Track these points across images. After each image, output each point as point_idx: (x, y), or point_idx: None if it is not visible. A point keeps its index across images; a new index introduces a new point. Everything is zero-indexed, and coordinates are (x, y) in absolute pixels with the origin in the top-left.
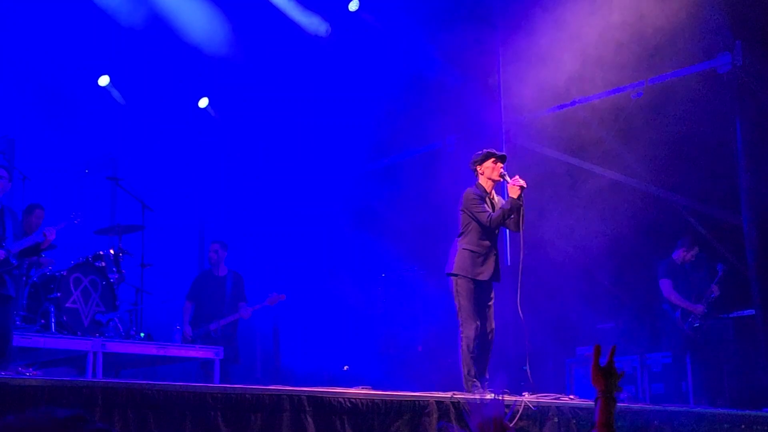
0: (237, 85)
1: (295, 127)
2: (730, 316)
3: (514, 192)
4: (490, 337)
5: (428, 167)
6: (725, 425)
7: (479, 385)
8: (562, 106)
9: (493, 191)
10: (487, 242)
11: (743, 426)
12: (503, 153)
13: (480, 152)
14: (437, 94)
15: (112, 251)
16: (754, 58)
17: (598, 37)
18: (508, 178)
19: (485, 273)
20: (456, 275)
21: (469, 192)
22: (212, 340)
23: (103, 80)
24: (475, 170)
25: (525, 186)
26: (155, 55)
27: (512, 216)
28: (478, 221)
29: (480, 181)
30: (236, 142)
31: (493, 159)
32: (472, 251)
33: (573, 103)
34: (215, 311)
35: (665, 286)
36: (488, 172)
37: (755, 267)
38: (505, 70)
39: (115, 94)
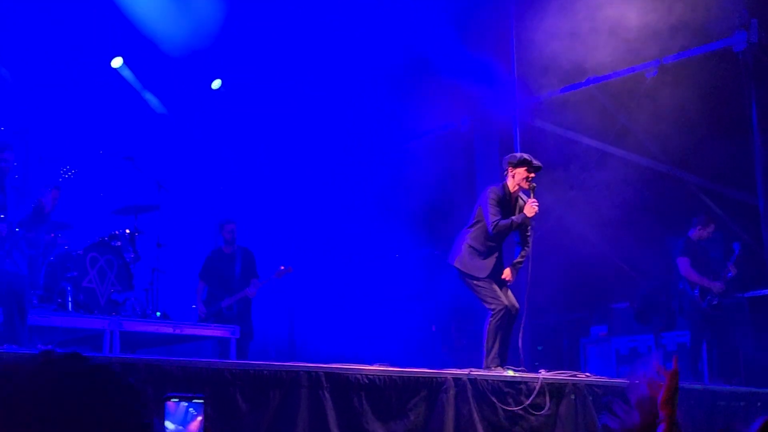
0: (250, 64)
1: (309, 108)
2: (745, 295)
3: (530, 211)
4: (513, 313)
5: (443, 148)
6: (741, 403)
7: (500, 363)
8: (576, 86)
9: (520, 194)
10: (492, 243)
11: (759, 404)
12: (539, 164)
13: (518, 155)
14: (451, 76)
15: (127, 231)
16: None
17: (613, 16)
18: (533, 192)
19: (484, 270)
20: (459, 270)
21: (492, 191)
22: (225, 317)
23: (116, 62)
24: (507, 170)
25: (537, 211)
26: (166, 37)
27: (519, 230)
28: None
29: (507, 182)
30: (250, 122)
31: (527, 168)
32: (474, 248)
33: (587, 83)
34: (226, 288)
35: (683, 264)
36: (519, 177)
37: None
38: (519, 50)
39: (128, 74)
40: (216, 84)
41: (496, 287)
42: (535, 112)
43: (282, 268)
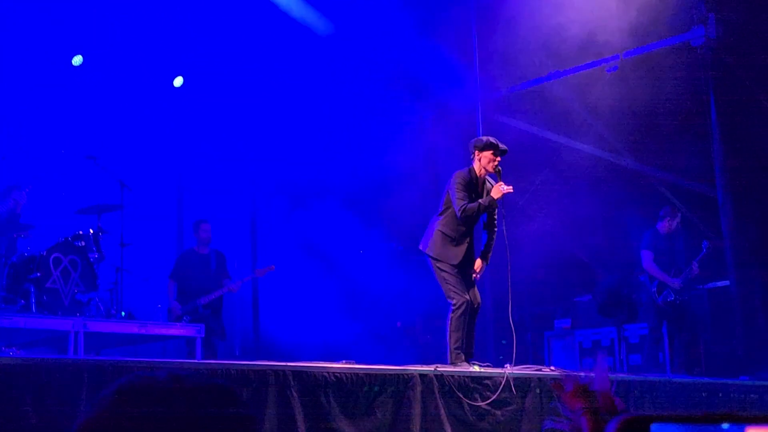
0: (212, 62)
1: (271, 104)
2: (706, 287)
3: (496, 193)
4: (476, 308)
5: (405, 143)
6: (703, 394)
7: (464, 358)
8: (537, 81)
9: (487, 177)
10: (463, 228)
11: (720, 394)
12: (505, 148)
13: (483, 139)
14: (413, 71)
15: (91, 231)
16: (728, 31)
17: (573, 12)
18: (499, 176)
19: (456, 258)
20: (430, 257)
21: (458, 174)
22: (200, 316)
23: (77, 60)
24: (473, 153)
25: (511, 191)
26: (130, 34)
27: (486, 213)
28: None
29: (474, 166)
30: (213, 120)
31: (493, 151)
32: (446, 234)
33: (549, 78)
34: (200, 288)
35: (646, 257)
36: (485, 161)
37: (730, 239)
38: (481, 45)
39: (90, 72)
40: (178, 81)
41: (461, 280)
42: (497, 106)
43: (264, 267)
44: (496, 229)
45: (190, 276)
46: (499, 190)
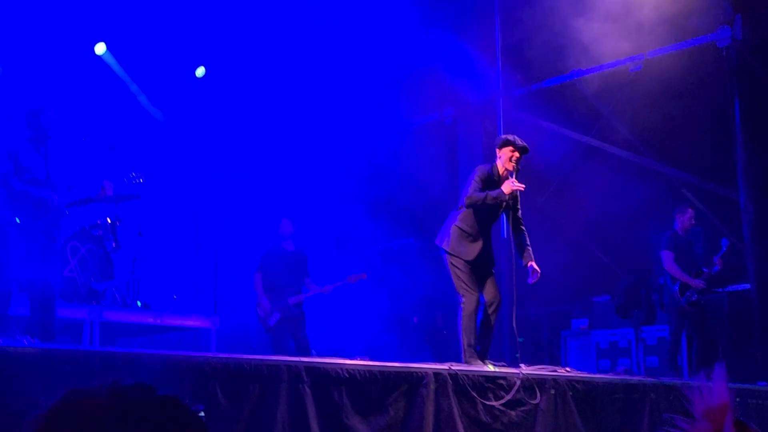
0: (235, 52)
1: (293, 98)
2: (725, 290)
3: (507, 187)
4: (494, 307)
5: (426, 139)
6: None
7: (477, 357)
8: (560, 78)
9: (510, 177)
10: (480, 225)
11: (737, 399)
12: (524, 144)
13: (502, 136)
14: (436, 67)
15: (108, 220)
16: (754, 32)
17: (598, 10)
18: (516, 174)
19: (471, 254)
20: (445, 251)
21: (479, 169)
22: (291, 314)
23: (100, 48)
24: (495, 152)
25: (522, 189)
26: (150, 22)
27: (504, 213)
28: None
29: (497, 163)
30: (235, 111)
31: (511, 147)
32: (463, 230)
33: (571, 76)
34: (285, 285)
35: (667, 258)
36: (504, 158)
37: (751, 241)
38: (504, 42)
39: (112, 62)
40: (200, 71)
41: (474, 278)
42: (519, 104)
43: (356, 274)
44: (522, 227)
45: (274, 272)
46: (509, 185)
